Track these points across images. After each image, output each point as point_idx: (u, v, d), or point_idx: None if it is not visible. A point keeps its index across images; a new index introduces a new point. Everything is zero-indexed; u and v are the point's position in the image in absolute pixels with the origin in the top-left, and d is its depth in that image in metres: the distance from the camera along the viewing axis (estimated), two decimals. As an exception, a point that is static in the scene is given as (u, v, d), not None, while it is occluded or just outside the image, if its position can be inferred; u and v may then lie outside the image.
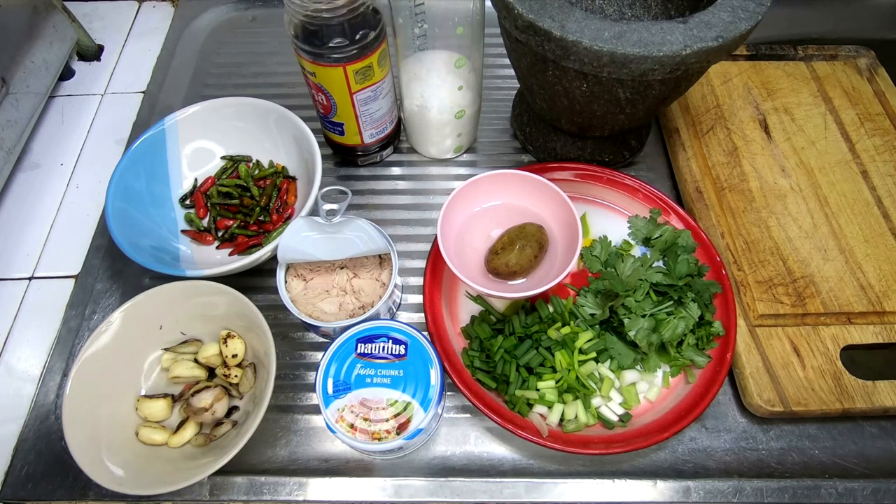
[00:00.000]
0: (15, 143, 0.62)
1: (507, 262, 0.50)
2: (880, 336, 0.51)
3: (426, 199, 0.63)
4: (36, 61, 0.65)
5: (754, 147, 0.62)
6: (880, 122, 0.64)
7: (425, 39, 0.52)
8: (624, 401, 0.48)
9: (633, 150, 0.63)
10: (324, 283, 0.51)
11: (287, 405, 0.51)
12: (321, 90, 0.54)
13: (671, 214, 0.56)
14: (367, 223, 0.50)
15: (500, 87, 0.71)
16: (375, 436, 0.42)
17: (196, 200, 0.59)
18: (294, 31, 0.49)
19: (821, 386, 0.49)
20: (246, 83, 0.72)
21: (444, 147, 0.63)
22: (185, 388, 0.49)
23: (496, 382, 0.48)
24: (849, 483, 0.47)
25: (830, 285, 0.53)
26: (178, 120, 0.58)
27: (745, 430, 0.50)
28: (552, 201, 0.52)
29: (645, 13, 0.60)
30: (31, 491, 0.48)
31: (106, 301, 0.56)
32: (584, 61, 0.43)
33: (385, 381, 0.44)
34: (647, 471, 0.48)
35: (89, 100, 0.72)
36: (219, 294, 0.48)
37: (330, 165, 0.65)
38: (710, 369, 0.48)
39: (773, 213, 0.58)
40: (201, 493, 0.47)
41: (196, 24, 0.78)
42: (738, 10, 0.43)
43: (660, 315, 0.49)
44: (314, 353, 0.54)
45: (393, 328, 0.46)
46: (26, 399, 0.51)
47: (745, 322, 0.52)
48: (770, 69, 0.68)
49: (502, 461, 0.49)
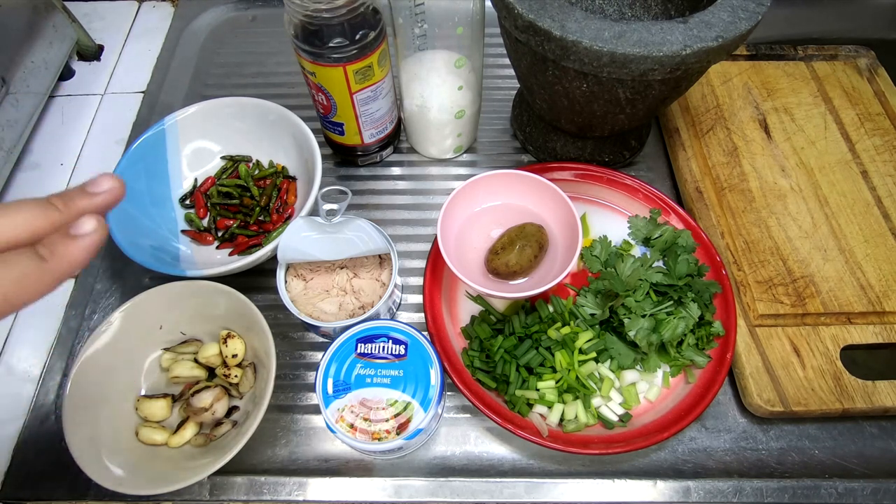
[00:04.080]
0: (15, 143, 0.62)
1: (507, 262, 0.50)
2: (880, 336, 0.51)
3: (426, 199, 0.63)
4: (36, 61, 0.65)
5: (754, 147, 0.62)
6: (880, 122, 0.64)
7: (425, 39, 0.52)
8: (624, 401, 0.48)
9: (633, 150, 0.63)
10: (324, 283, 0.51)
11: (287, 405, 0.51)
12: (321, 90, 0.54)
13: (671, 214, 0.56)
14: (367, 223, 0.50)
15: (500, 87, 0.71)
16: (375, 436, 0.42)
17: (196, 200, 0.59)
18: (294, 31, 0.49)
19: (821, 386, 0.49)
20: (246, 83, 0.72)
21: (444, 147, 0.63)
22: (185, 388, 0.49)
23: (496, 382, 0.48)
24: (849, 483, 0.47)
25: (830, 285, 0.53)
26: (178, 120, 0.58)
27: (745, 430, 0.50)
28: (552, 201, 0.52)
29: (645, 13, 0.60)
30: (31, 491, 0.48)
31: (106, 301, 0.56)
32: (584, 61, 0.43)
33: (385, 381, 0.44)
34: (647, 471, 0.48)
35: (89, 100, 0.72)
36: (219, 294, 0.48)
37: (330, 165, 0.65)
38: (710, 369, 0.48)
39: (773, 213, 0.58)
40: (201, 493, 0.47)
41: (196, 24, 0.78)
42: (738, 10, 0.43)
43: (660, 315, 0.49)
44: (314, 353, 0.54)
45: (393, 328, 0.46)
46: (26, 399, 0.51)
47: (745, 322, 0.52)
48: (770, 69, 0.68)
49: (502, 461, 0.49)
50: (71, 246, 0.27)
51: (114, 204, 0.29)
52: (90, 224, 0.27)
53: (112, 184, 0.29)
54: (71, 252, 0.27)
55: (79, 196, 0.28)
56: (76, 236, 0.27)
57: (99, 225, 0.27)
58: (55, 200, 0.27)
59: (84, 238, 0.27)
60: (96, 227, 0.27)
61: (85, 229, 0.27)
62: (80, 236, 0.27)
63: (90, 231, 0.27)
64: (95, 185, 0.29)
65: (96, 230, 0.27)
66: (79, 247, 0.27)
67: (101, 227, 0.28)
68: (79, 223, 0.27)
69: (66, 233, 0.27)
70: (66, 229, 0.27)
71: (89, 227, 0.27)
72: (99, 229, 0.27)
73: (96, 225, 0.27)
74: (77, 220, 0.27)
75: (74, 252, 0.27)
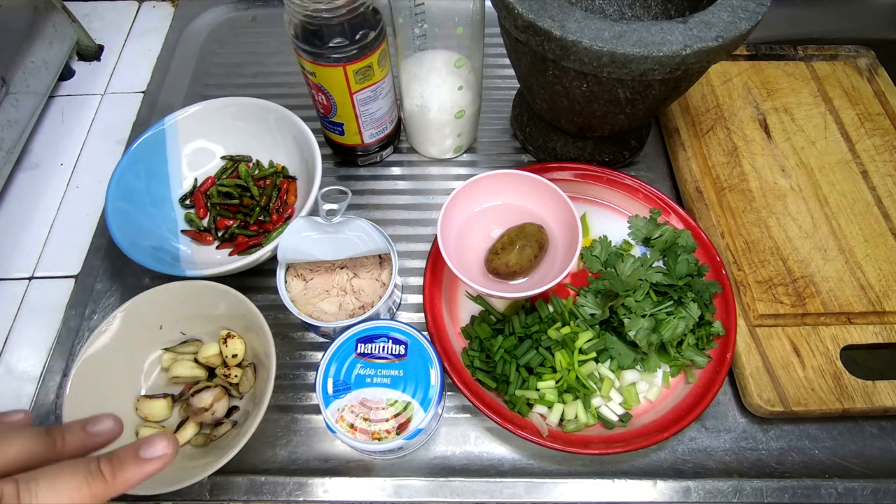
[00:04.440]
0: (15, 143, 0.62)
1: (507, 262, 0.50)
2: (880, 336, 0.51)
3: (426, 199, 0.63)
4: (36, 61, 0.65)
5: (754, 147, 0.62)
6: (880, 122, 0.64)
7: (425, 39, 0.52)
8: (624, 401, 0.48)
9: (633, 150, 0.63)
10: (324, 283, 0.51)
11: (287, 405, 0.51)
12: (321, 90, 0.54)
13: (671, 214, 0.56)
14: (367, 223, 0.50)
15: (500, 87, 0.71)
16: (375, 436, 0.42)
17: (196, 200, 0.59)
18: (294, 31, 0.49)
19: (821, 386, 0.49)
20: (246, 83, 0.72)
21: (444, 147, 0.63)
22: (185, 388, 0.49)
23: (496, 382, 0.48)
24: (849, 483, 0.47)
25: (830, 285, 0.53)
26: (178, 120, 0.58)
27: (745, 430, 0.50)
28: (552, 201, 0.52)
29: (645, 13, 0.60)
30: (31, 491, 0.47)
31: (106, 301, 0.56)
32: (584, 61, 0.43)
33: (385, 381, 0.44)
34: (647, 471, 0.48)
35: (89, 100, 0.72)
36: (219, 294, 0.48)
37: (330, 165, 0.65)
38: (710, 369, 0.48)
39: (773, 213, 0.58)
40: (201, 493, 0.47)
41: (196, 24, 0.78)
42: (738, 10, 0.43)
43: (660, 315, 0.49)
44: (314, 353, 0.54)
45: (393, 328, 0.46)
46: (26, 399, 0.51)
47: (745, 322, 0.52)
48: (770, 69, 0.68)
49: (502, 461, 0.49)
50: (136, 468, 0.26)
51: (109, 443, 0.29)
52: (160, 447, 0.26)
53: (110, 426, 0.28)
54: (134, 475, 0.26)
55: (131, 462, 0.27)
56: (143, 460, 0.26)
57: (169, 448, 0.27)
58: (55, 433, 0.26)
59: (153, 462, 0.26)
60: (166, 451, 0.26)
61: (155, 452, 0.26)
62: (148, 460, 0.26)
63: (159, 455, 0.26)
64: (95, 424, 0.28)
65: (166, 455, 0.26)
66: (143, 471, 0.26)
67: (172, 451, 0.27)
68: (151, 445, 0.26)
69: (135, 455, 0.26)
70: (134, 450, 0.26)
71: (159, 451, 0.26)
72: (169, 453, 0.27)
73: (167, 449, 0.26)
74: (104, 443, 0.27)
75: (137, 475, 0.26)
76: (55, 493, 0.24)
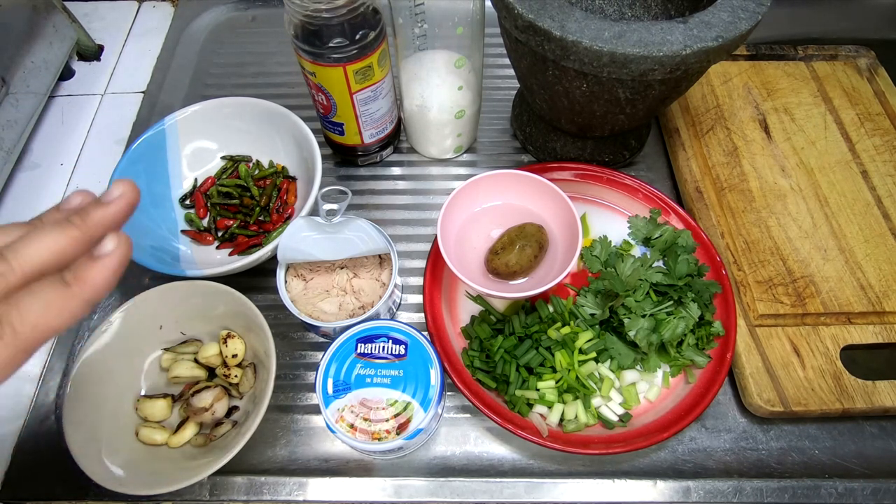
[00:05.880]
0: (15, 143, 0.62)
1: (507, 262, 0.50)
2: (880, 336, 0.51)
3: (426, 199, 0.63)
4: (36, 61, 0.65)
5: (754, 147, 0.62)
6: (880, 122, 0.64)
7: (425, 39, 0.52)
8: (624, 401, 0.48)
9: (633, 150, 0.63)
10: (324, 283, 0.51)
11: (287, 405, 0.51)
12: (321, 90, 0.54)
13: (671, 214, 0.56)
14: (367, 223, 0.50)
15: (500, 87, 0.71)
16: (375, 436, 0.42)
17: (196, 200, 0.59)
18: (294, 31, 0.49)
19: (821, 386, 0.49)
20: (246, 83, 0.72)
21: (444, 147, 0.63)
22: (185, 388, 0.49)
23: (496, 382, 0.48)
24: (849, 483, 0.47)
25: (830, 285, 0.53)
26: (178, 120, 0.58)
27: (745, 430, 0.50)
28: (552, 201, 0.52)
29: (645, 13, 0.60)
30: (31, 491, 0.48)
31: (106, 301, 0.56)
32: (584, 61, 0.43)
33: (385, 381, 0.44)
34: (647, 471, 0.48)
35: (89, 100, 0.72)
36: (219, 294, 0.48)
37: (330, 165, 0.65)
38: (710, 369, 0.48)
39: (773, 213, 0.58)
40: (201, 493, 0.47)
41: (196, 24, 0.78)
42: (738, 10, 0.43)
43: (660, 315, 0.49)
44: (314, 353, 0.54)
45: (393, 328, 0.46)
46: (26, 399, 0.51)
47: (745, 322, 0.52)
48: (770, 69, 0.68)
49: (502, 461, 0.49)
50: (94, 268, 0.26)
51: (130, 209, 0.28)
52: (110, 243, 0.27)
53: (124, 188, 0.28)
54: (95, 275, 0.26)
55: (94, 207, 0.27)
56: (98, 257, 0.26)
57: (120, 242, 0.27)
58: (72, 217, 0.27)
59: (106, 258, 0.27)
60: (117, 244, 0.27)
61: (106, 249, 0.27)
62: (102, 257, 0.27)
63: (111, 250, 0.27)
64: (108, 194, 0.28)
65: (118, 247, 0.27)
66: (103, 267, 0.26)
67: (123, 244, 0.27)
68: (100, 244, 0.27)
69: (90, 255, 0.27)
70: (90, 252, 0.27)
71: (110, 247, 0.27)
72: (121, 246, 0.27)
73: (117, 242, 0.27)
74: (99, 233, 0.27)
75: (99, 274, 0.26)
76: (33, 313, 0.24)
